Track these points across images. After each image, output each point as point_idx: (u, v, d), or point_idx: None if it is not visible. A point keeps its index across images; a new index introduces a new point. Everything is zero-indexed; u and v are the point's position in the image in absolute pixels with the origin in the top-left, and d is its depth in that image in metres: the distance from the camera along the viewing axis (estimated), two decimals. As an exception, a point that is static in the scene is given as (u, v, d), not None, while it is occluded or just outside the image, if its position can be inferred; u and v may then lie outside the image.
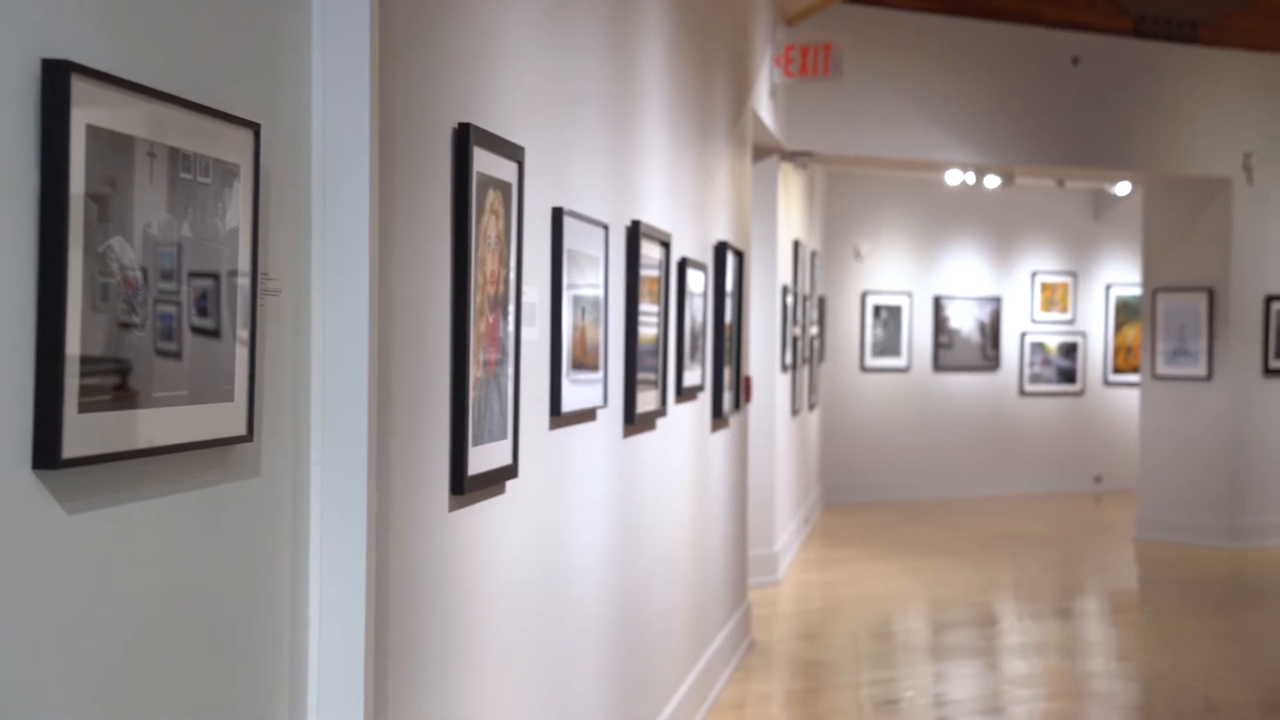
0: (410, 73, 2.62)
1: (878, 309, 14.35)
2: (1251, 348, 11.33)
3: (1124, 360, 15.32)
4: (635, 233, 4.64)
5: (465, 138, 2.86)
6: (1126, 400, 14.93)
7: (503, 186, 3.12)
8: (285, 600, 2.24)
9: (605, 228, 4.20)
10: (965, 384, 14.72)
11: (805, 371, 11.71)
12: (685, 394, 5.73)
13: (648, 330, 4.91)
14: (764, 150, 9.38)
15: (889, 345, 14.40)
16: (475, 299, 2.94)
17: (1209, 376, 11.37)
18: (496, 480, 3.16)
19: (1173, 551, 11.17)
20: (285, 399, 2.23)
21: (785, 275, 10.04)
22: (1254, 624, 8.64)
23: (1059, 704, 6.67)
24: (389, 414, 2.49)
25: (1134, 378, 14.68)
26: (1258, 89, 11.38)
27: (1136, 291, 14.67)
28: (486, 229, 3.02)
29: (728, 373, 6.82)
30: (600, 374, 4.22)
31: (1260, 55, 11.44)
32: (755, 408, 9.14)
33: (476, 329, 2.96)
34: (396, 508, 2.55)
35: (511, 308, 3.24)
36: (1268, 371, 11.38)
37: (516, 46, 3.34)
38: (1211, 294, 11.33)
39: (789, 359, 10.23)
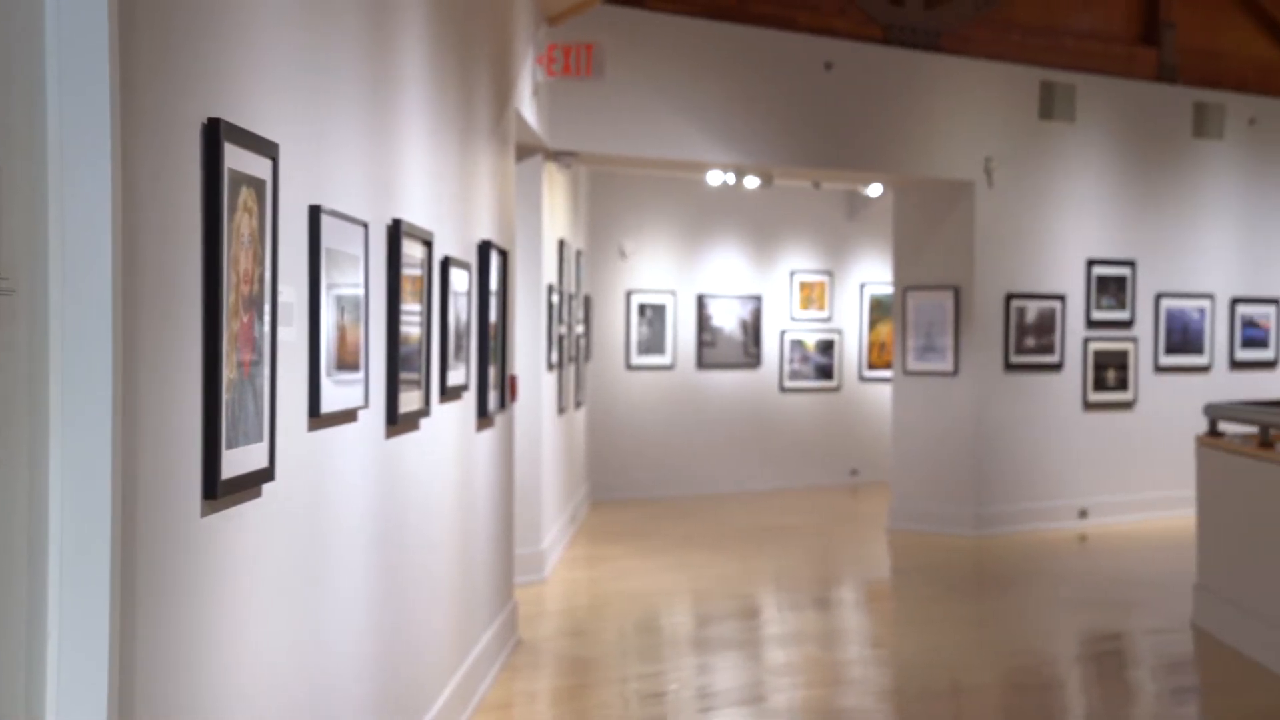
0: (156, 66, 2.53)
1: (642, 307, 14.50)
2: (994, 344, 11.87)
3: (878, 357, 15.86)
4: (396, 231, 4.58)
5: (215, 133, 2.79)
6: (880, 395, 15.47)
7: (256, 183, 3.05)
8: (21, 616, 2.14)
9: (365, 226, 4.14)
10: (728, 381, 14.99)
11: (572, 370, 11.76)
12: (449, 393, 5.69)
13: (410, 330, 4.86)
14: (528, 149, 9.39)
15: (654, 343, 14.56)
16: (228, 298, 2.87)
17: (955, 372, 11.87)
18: (252, 484, 3.09)
19: (922, 540, 11.63)
20: (20, 403, 2.13)
21: (550, 274, 10.06)
22: (997, 608, 9.05)
23: (817, 691, 6.86)
24: (135, 418, 2.41)
25: (887, 373, 15.22)
26: (996, 96, 11.91)
27: (888, 290, 15.22)
28: (239, 227, 2.94)
29: (493, 372, 6.80)
30: (361, 374, 4.16)
31: (998, 64, 11.98)
32: (521, 406, 9.14)
33: (230, 329, 2.89)
34: (144, 515, 2.46)
35: (267, 307, 3.17)
36: (1009, 366, 11.93)
37: (270, 41, 3.27)
38: (957, 292, 11.83)
39: (555, 358, 10.26)
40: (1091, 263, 12.39)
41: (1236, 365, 13.34)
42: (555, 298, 10.20)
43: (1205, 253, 13.15)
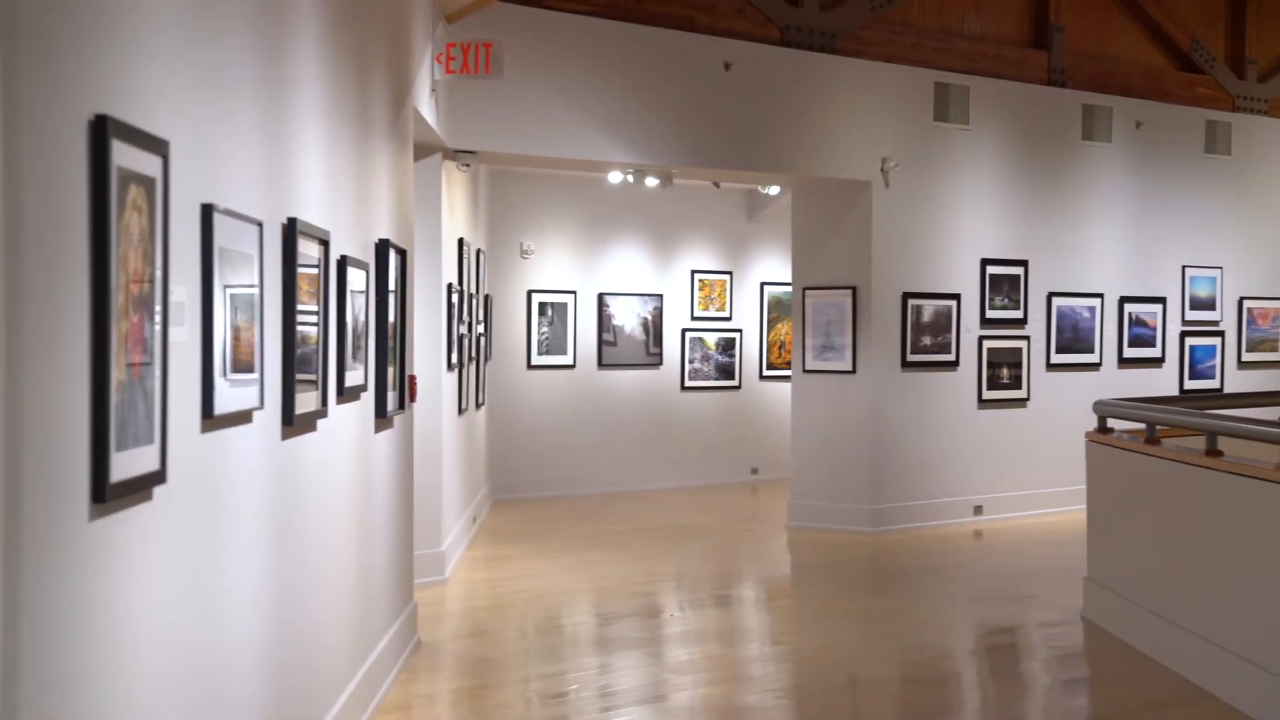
0: (40, 63, 2.48)
1: (543, 306, 14.48)
2: (891, 343, 12.02)
3: (777, 356, 15.99)
4: (292, 230, 4.54)
5: (102, 130, 2.75)
6: (780, 394, 15.61)
7: (146, 181, 3.00)
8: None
9: (260, 225, 4.10)
10: (629, 380, 15.02)
11: (472, 370, 11.71)
12: (347, 394, 5.64)
13: (307, 330, 4.81)
14: (427, 148, 9.34)
15: (555, 343, 14.55)
16: (116, 299, 2.82)
17: (854, 371, 12.00)
18: (143, 486, 3.05)
19: (821, 537, 11.75)
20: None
21: (450, 273, 10.01)
22: (893, 604, 9.15)
23: (718, 689, 6.90)
24: (19, 421, 2.36)
25: (787, 372, 15.37)
26: (892, 97, 12.06)
27: (788, 289, 15.36)
28: (129, 225, 2.89)
29: (391, 372, 6.76)
30: (257, 375, 4.11)
31: (893, 66, 12.14)
32: (421, 407, 9.09)
33: (119, 330, 2.84)
34: (29, 520, 2.42)
35: (158, 308, 3.12)
36: (906, 365, 12.08)
37: (160, 38, 3.22)
38: (855, 291, 11.96)
39: (455, 358, 10.21)
40: (985, 262, 12.59)
41: (1125, 363, 13.64)
42: (455, 297, 10.15)
43: (1095, 253, 13.43)
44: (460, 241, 10.63)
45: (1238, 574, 6.49)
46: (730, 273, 15.82)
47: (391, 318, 6.72)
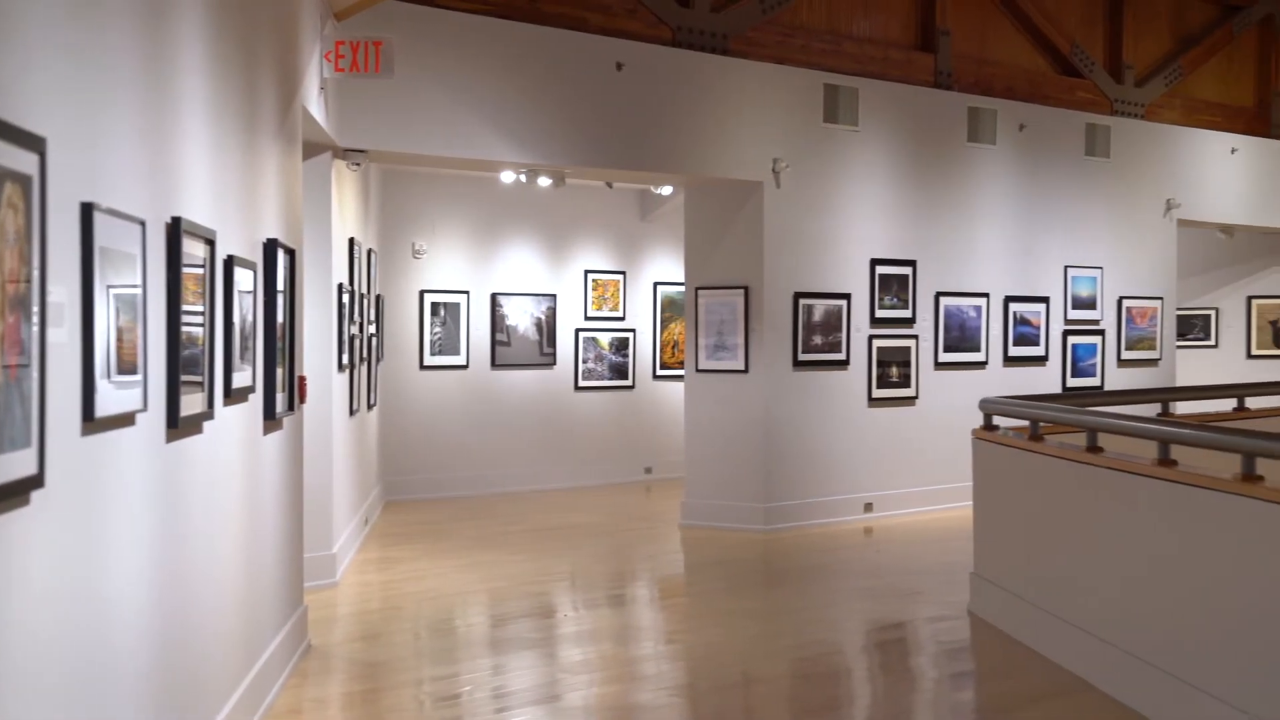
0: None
1: (436, 306, 14.39)
2: (783, 342, 12.13)
3: (671, 355, 16.06)
4: (176, 230, 4.46)
5: (-24, 127, 2.68)
6: (674, 393, 15.68)
7: (22, 179, 2.93)
8: None
9: (143, 224, 4.03)
10: (523, 380, 14.99)
11: (364, 370, 11.60)
12: (235, 395, 5.56)
13: (193, 330, 4.73)
14: (316, 147, 9.24)
15: (448, 343, 14.46)
16: (-8, 299, 2.76)
17: (746, 370, 12.09)
18: (20, 491, 2.98)
19: (714, 536, 11.82)
20: None
21: (341, 273, 9.91)
22: (785, 601, 9.24)
23: (611, 688, 6.92)
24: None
25: (680, 372, 15.44)
26: (783, 98, 12.16)
27: (681, 289, 15.43)
28: (3, 224, 2.83)
29: (280, 373, 6.67)
30: (140, 377, 4.04)
31: (784, 67, 12.24)
32: (311, 408, 8.99)
33: (-6, 331, 2.78)
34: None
35: (35, 308, 3.05)
36: (797, 364, 12.20)
37: (37, 33, 3.15)
38: (747, 291, 12.05)
39: (346, 358, 10.10)
40: (875, 262, 12.76)
41: (1010, 361, 13.90)
42: (346, 297, 10.05)
43: (981, 253, 13.67)
44: (351, 241, 10.53)
45: (1117, 568, 6.65)
46: (624, 272, 15.85)
47: (280, 318, 6.63)
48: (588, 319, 15.57)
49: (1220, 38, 16.56)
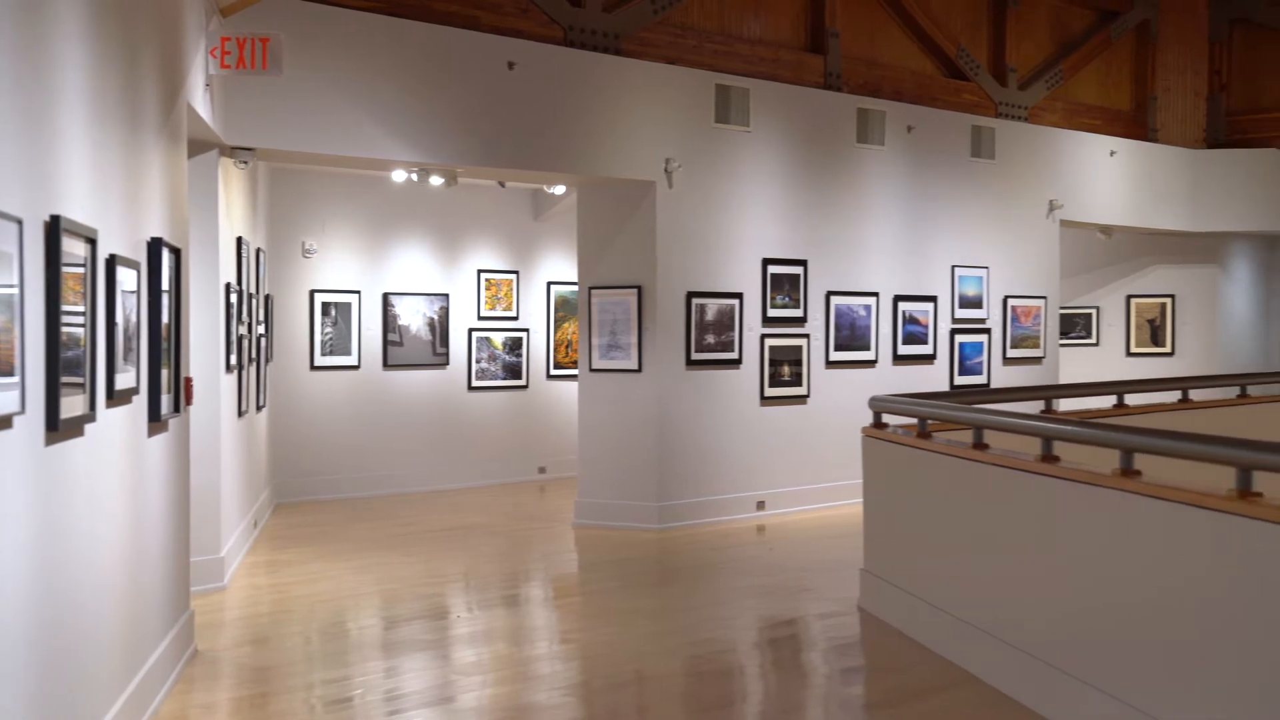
0: None
1: (327, 306, 14.23)
2: (676, 341, 12.18)
3: (564, 355, 16.06)
4: (55, 228, 4.37)
5: None
6: (567, 393, 15.68)
7: (-109, 176, 2.86)
8: None
9: (19, 222, 3.94)
10: (416, 380, 14.89)
11: (253, 371, 11.45)
12: (118, 397, 5.46)
13: (74, 331, 4.64)
14: (202, 144, 9.10)
15: (339, 343, 14.32)
16: None
17: (639, 369, 12.12)
18: (-109, 497, 2.90)
19: (608, 535, 11.84)
20: None
21: (229, 273, 9.77)
22: (678, 599, 9.28)
23: (505, 689, 6.90)
24: None
25: (573, 371, 15.44)
26: (675, 98, 12.22)
27: (574, 289, 15.43)
28: (-128, 223, 2.75)
29: (166, 374, 6.57)
30: (18, 378, 3.95)
31: (675, 67, 12.30)
32: (198, 410, 8.86)
33: None
34: None
35: (-94, 309, 2.97)
36: (690, 363, 12.26)
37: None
38: (640, 291, 12.08)
39: (234, 359, 9.96)
40: (767, 262, 12.86)
41: (900, 360, 14.10)
42: (234, 297, 9.91)
43: (870, 253, 13.84)
44: (239, 240, 10.38)
45: (999, 562, 6.78)
46: (517, 272, 15.82)
47: (166, 318, 6.53)
48: (481, 319, 15.52)
49: (1099, 43, 16.95)
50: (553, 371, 16.08)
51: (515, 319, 15.81)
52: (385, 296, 14.68)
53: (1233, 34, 18.04)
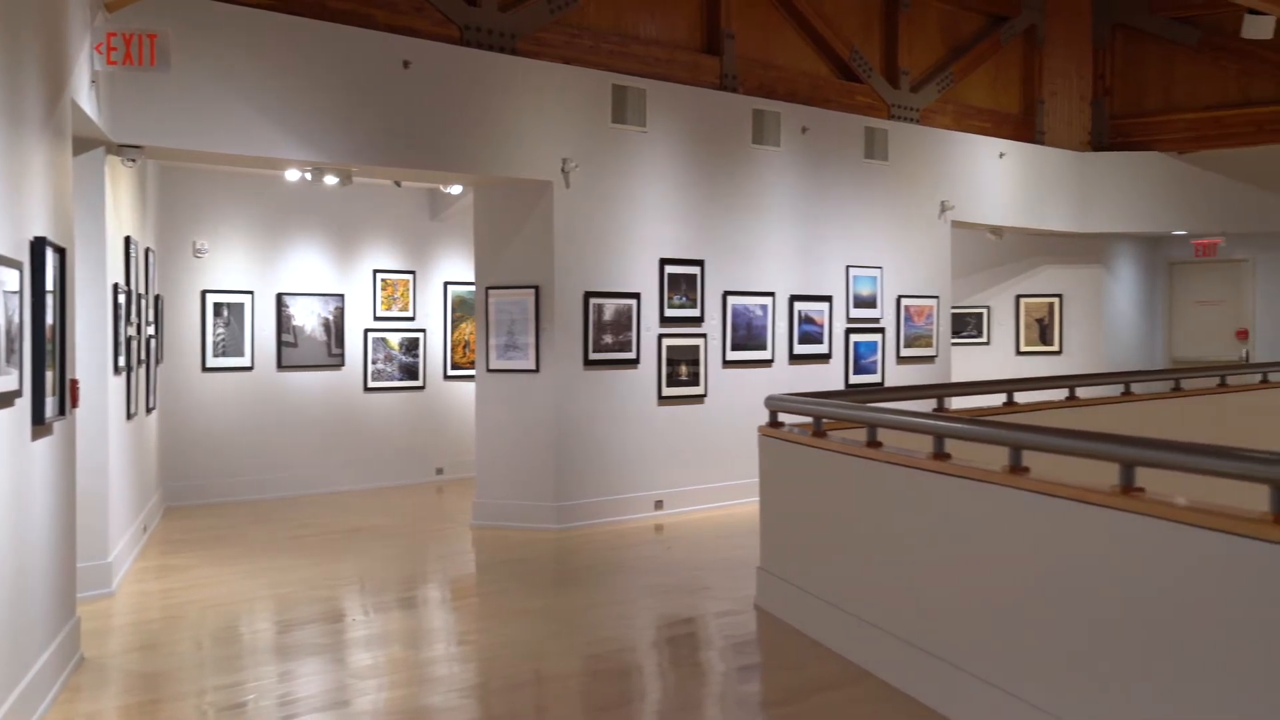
0: None
1: (219, 307, 14.02)
2: (574, 341, 12.17)
3: (462, 355, 15.98)
4: (-68, 227, 4.25)
5: None
6: (465, 394, 15.60)
7: None
8: None
9: (-107, 221, 3.83)
10: (311, 382, 14.73)
11: (142, 373, 11.24)
12: (-1, 400, 5.33)
13: (-48, 333, 4.52)
14: (89, 142, 8.92)
15: (232, 344, 14.12)
16: None
17: (537, 369, 12.10)
18: None
19: (506, 535, 11.80)
20: None
21: (117, 273, 9.59)
22: (577, 599, 9.27)
23: (401, 691, 6.84)
24: None
25: (471, 372, 15.37)
26: (572, 99, 12.20)
27: (472, 289, 15.36)
28: None
29: (50, 376, 6.43)
30: (-108, 382, 3.84)
31: (572, 68, 12.29)
32: (85, 412, 8.68)
33: None
34: None
35: None
36: (588, 363, 12.26)
37: None
38: (538, 291, 12.06)
39: (123, 360, 9.78)
40: (664, 262, 12.90)
41: (796, 359, 14.22)
42: (122, 297, 9.73)
43: (766, 253, 13.95)
44: (127, 240, 10.19)
45: (893, 559, 6.87)
46: (413, 272, 15.72)
47: (50, 319, 6.39)
48: (377, 319, 15.40)
49: (988, 47, 17.25)
50: (450, 372, 16.00)
51: (412, 319, 15.71)
52: (279, 297, 14.50)
53: (1115, 39, 18.46)
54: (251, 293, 14.31)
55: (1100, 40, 18.41)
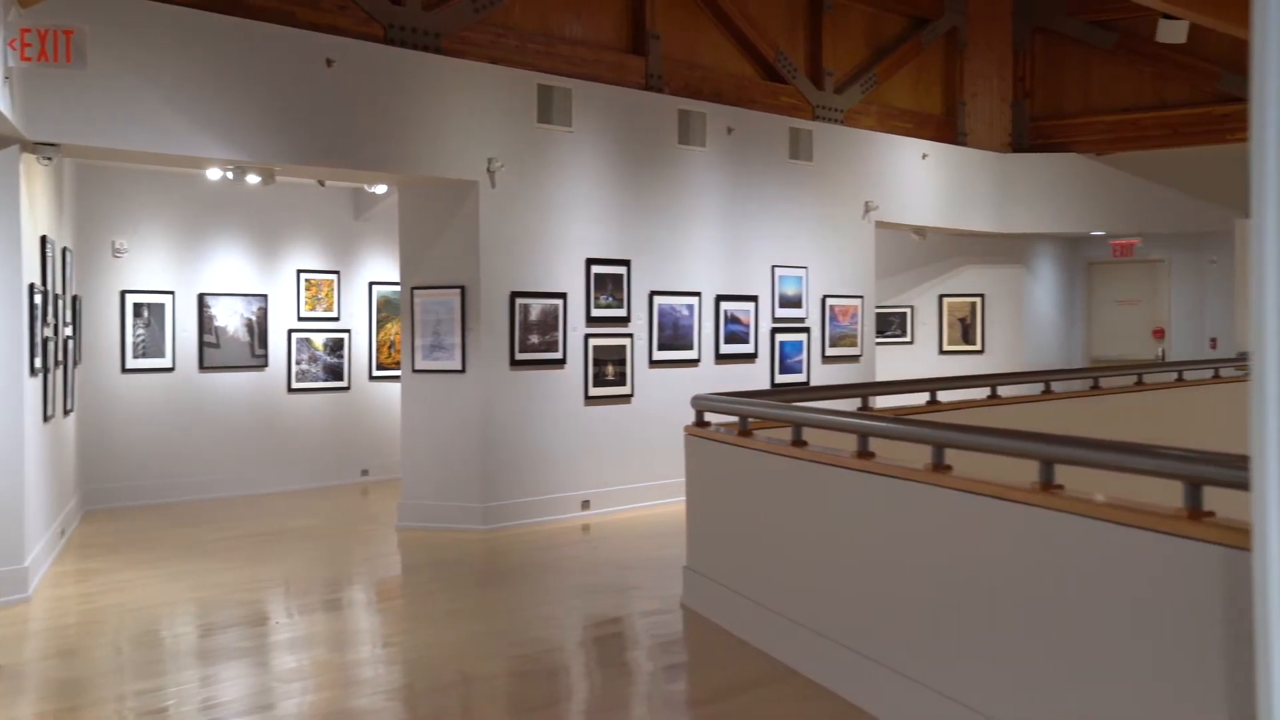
0: None
1: (139, 308, 13.83)
2: (500, 341, 12.13)
3: (387, 356, 15.89)
4: None
5: None
6: (390, 394, 15.50)
7: None
8: None
9: None
10: (234, 383, 14.57)
11: (59, 374, 11.06)
12: (-90, 403, 5.22)
13: None
14: (2, 140, 8.78)
15: (152, 345, 13.93)
16: None
17: (463, 370, 12.05)
18: None
19: (432, 537, 11.74)
20: None
21: (32, 273, 9.43)
22: (503, 600, 9.25)
23: (326, 694, 6.79)
24: None
25: (397, 372, 15.28)
26: (497, 98, 12.15)
27: (397, 289, 15.27)
28: None
29: (-37, 378, 6.30)
30: None
31: (497, 67, 12.25)
32: None
33: None
34: None
35: None
36: (515, 363, 12.23)
37: None
38: (464, 291, 12.01)
39: (39, 362, 9.61)
40: (590, 262, 12.90)
41: (722, 359, 14.27)
42: (38, 298, 9.56)
43: (693, 253, 13.98)
44: (43, 239, 10.02)
45: (819, 557, 6.92)
46: (338, 272, 15.60)
47: (-38, 320, 6.26)
48: (301, 319, 15.26)
49: (911, 48, 17.42)
50: (375, 372, 15.90)
51: (336, 319, 15.59)
52: (201, 297, 14.33)
53: (1035, 42, 18.72)
54: (172, 293, 14.13)
55: (1020, 43, 18.66)
